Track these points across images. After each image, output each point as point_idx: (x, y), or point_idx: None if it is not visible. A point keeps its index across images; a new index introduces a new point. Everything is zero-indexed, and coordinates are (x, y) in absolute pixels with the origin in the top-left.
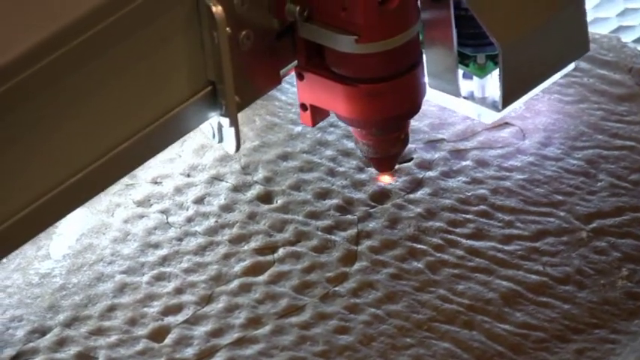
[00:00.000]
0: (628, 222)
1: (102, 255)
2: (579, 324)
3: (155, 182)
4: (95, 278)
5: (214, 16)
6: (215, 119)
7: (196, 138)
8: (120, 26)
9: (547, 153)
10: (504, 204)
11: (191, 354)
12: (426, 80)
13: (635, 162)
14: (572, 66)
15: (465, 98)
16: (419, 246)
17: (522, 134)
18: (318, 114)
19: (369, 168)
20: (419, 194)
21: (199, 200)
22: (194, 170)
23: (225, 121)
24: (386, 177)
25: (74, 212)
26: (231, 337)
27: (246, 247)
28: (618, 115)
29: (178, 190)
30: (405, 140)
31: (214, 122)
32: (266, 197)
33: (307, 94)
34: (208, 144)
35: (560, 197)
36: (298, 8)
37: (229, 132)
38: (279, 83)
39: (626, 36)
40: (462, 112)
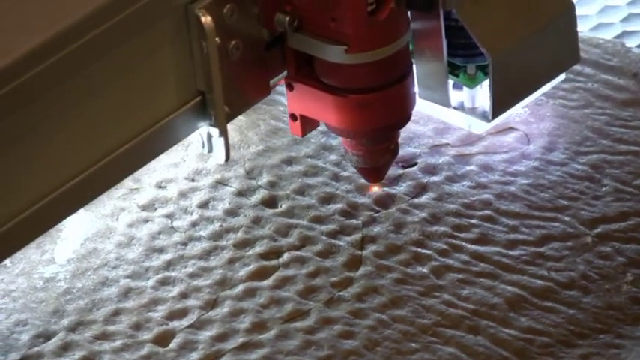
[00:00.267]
0: (633, 227)
1: (106, 259)
2: (584, 329)
3: (159, 187)
4: (100, 282)
5: (203, 26)
6: (204, 129)
7: (200, 142)
8: (109, 36)
9: (551, 158)
10: (509, 209)
11: (196, 358)
12: (416, 90)
13: (639, 167)
14: (562, 76)
15: (455, 108)
16: (424, 251)
17: (527, 139)
18: (307, 124)
19: None
20: (423, 199)
21: (204, 205)
22: (198, 175)
23: (214, 131)
24: (375, 188)
25: (78, 216)
26: (235, 342)
27: (250, 252)
28: (622, 120)
29: (183, 195)
30: (395, 151)
31: (204, 132)
32: (270, 202)
33: (297, 105)
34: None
35: (564, 202)
36: (288, 18)
37: (219, 142)
38: (268, 93)
39: (630, 41)
40: (452, 123)
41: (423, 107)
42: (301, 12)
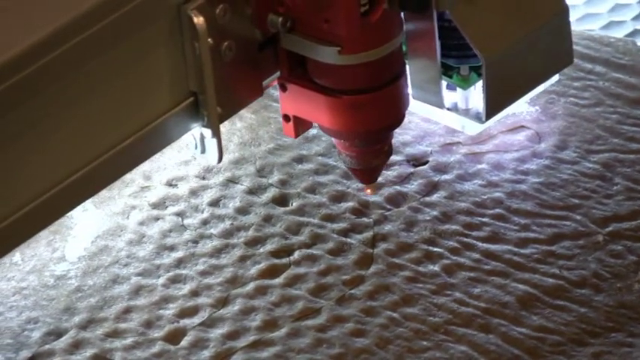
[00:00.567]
0: None
1: (117, 257)
2: (596, 327)
3: (170, 185)
4: (111, 280)
5: (196, 27)
6: (197, 130)
7: None
8: (101, 37)
9: (563, 156)
10: (520, 207)
11: (207, 356)
12: (410, 91)
13: None
14: (555, 77)
15: (449, 110)
16: (435, 249)
17: (538, 137)
18: (300, 125)
19: (385, 172)
20: (435, 197)
21: (215, 203)
22: (209, 173)
23: (207, 132)
24: (369, 190)
25: (89, 214)
26: (247, 340)
27: (261, 250)
28: (634, 119)
29: (193, 193)
30: (389, 152)
31: (196, 133)
32: (281, 200)
33: (290, 105)
34: (223, 146)
35: (576, 201)
36: (281, 19)
37: (211, 143)
38: (261, 94)
39: None
40: (446, 124)
41: (417, 108)
42: (294, 13)
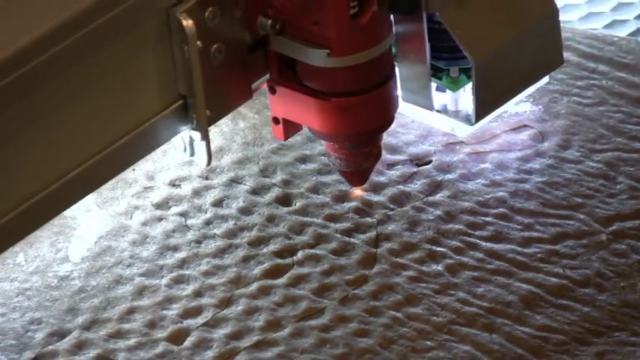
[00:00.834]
0: None
1: (121, 257)
2: (599, 327)
3: (173, 185)
4: (114, 281)
5: (185, 30)
6: (186, 133)
7: (215, 140)
8: (90, 40)
9: (566, 155)
10: (523, 207)
11: (210, 357)
12: (399, 94)
13: None
14: (546, 79)
15: (438, 112)
16: (438, 249)
17: (541, 137)
18: (290, 128)
19: (388, 171)
20: (438, 197)
21: (218, 203)
22: (212, 173)
23: (196, 135)
24: (358, 191)
25: (93, 214)
26: (250, 340)
27: (265, 250)
28: (637, 118)
29: (197, 193)
30: (378, 154)
31: (185, 136)
32: (285, 200)
33: (279, 108)
34: (227, 146)
35: (579, 200)
36: (270, 22)
37: (200, 146)
38: (250, 97)
39: None
40: (436, 126)
41: (406, 110)
42: (284, 15)
